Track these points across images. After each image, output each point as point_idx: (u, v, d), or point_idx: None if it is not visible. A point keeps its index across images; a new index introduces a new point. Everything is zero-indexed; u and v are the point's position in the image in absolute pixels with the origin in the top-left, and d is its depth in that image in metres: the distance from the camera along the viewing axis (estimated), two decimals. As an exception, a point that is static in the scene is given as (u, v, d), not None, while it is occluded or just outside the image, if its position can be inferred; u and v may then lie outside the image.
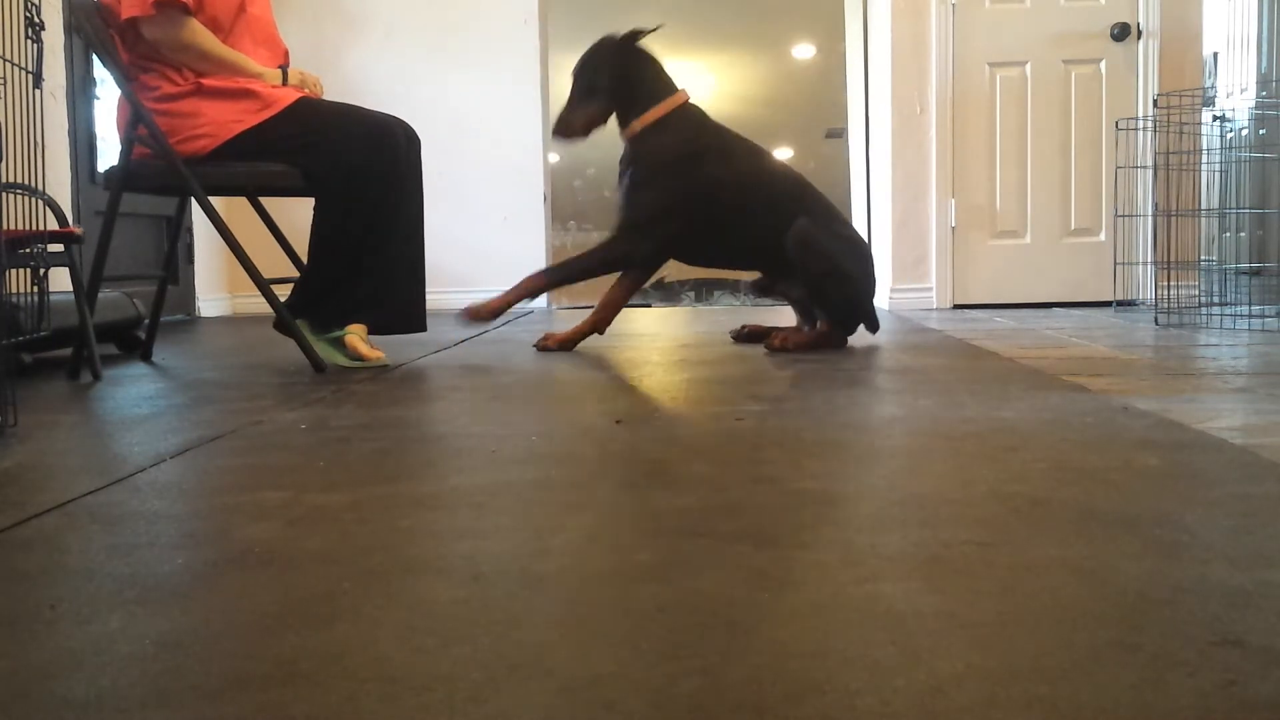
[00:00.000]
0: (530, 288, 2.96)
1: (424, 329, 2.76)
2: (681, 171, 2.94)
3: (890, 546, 1.01)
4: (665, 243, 3.01)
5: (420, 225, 2.75)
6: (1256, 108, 4.84)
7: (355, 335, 2.66)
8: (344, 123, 2.65)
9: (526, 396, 2.13)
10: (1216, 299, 4.42)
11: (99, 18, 2.63)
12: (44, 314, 2.32)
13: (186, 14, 2.57)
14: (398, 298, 2.71)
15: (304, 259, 2.78)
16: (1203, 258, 4.82)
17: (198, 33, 2.59)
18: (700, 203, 2.95)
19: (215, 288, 5.16)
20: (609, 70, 2.98)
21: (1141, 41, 4.75)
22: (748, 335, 3.22)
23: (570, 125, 3.02)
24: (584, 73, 3.01)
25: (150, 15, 2.54)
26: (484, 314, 2.91)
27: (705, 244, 3.08)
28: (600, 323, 3.05)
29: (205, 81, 2.61)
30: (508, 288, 2.99)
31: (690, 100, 3.04)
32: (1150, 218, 4.50)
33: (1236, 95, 5.20)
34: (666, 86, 3.02)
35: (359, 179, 2.62)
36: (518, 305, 3.05)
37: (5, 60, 2.01)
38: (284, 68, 2.78)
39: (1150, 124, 4.45)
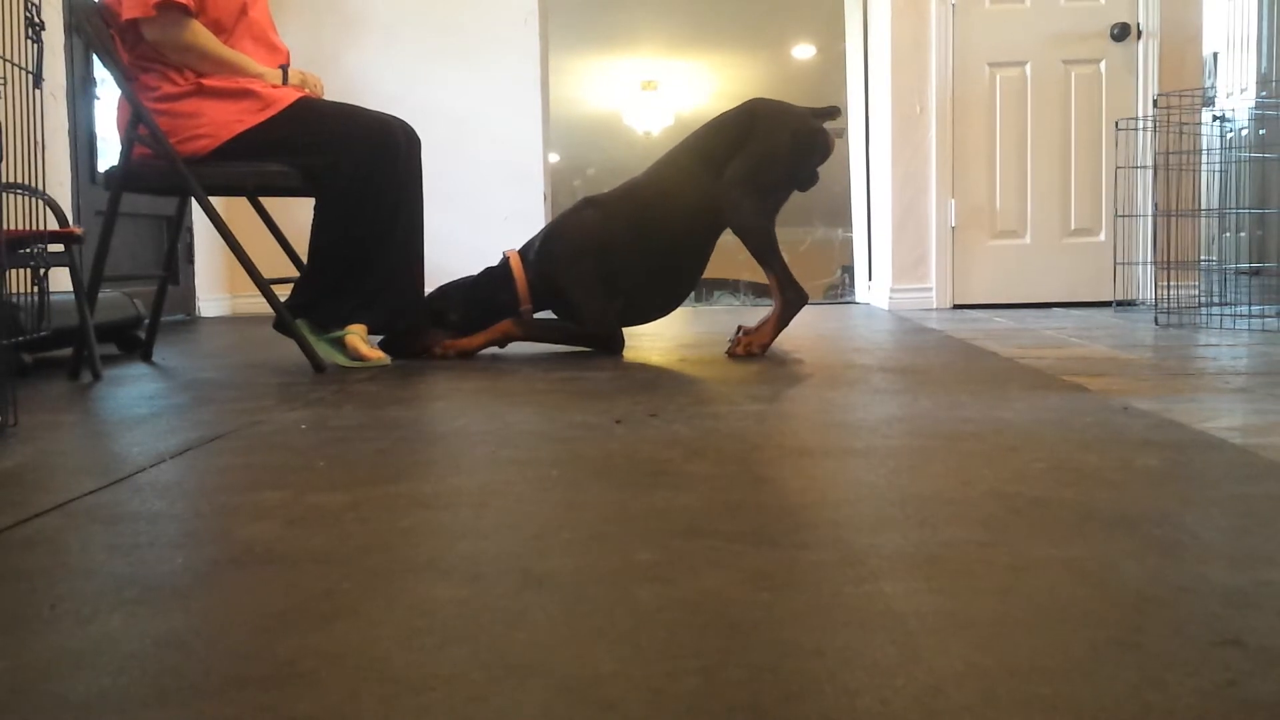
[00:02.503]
0: (503, 334, 2.87)
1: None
2: (580, 251, 2.86)
3: (890, 546, 1.01)
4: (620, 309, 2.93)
5: (420, 225, 2.75)
6: (1256, 108, 4.84)
7: (355, 335, 2.67)
8: (344, 123, 2.66)
9: (526, 396, 2.13)
10: (1216, 299, 4.42)
11: (99, 18, 2.64)
12: (44, 314, 2.32)
13: (187, 15, 2.57)
14: (398, 298, 2.71)
15: (304, 259, 2.79)
16: (1202, 258, 4.82)
17: (199, 34, 2.59)
18: (622, 256, 2.86)
19: (215, 288, 5.16)
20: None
21: (1141, 41, 4.75)
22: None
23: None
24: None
25: (151, 17, 2.54)
26: (451, 353, 2.87)
27: (660, 289, 2.99)
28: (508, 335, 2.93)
29: (205, 82, 2.61)
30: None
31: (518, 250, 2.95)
32: (1150, 218, 4.50)
33: (1236, 95, 5.19)
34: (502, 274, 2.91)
35: (359, 179, 2.62)
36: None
37: (5, 60, 2.01)
38: (284, 68, 2.79)
39: (1150, 124, 4.45)
